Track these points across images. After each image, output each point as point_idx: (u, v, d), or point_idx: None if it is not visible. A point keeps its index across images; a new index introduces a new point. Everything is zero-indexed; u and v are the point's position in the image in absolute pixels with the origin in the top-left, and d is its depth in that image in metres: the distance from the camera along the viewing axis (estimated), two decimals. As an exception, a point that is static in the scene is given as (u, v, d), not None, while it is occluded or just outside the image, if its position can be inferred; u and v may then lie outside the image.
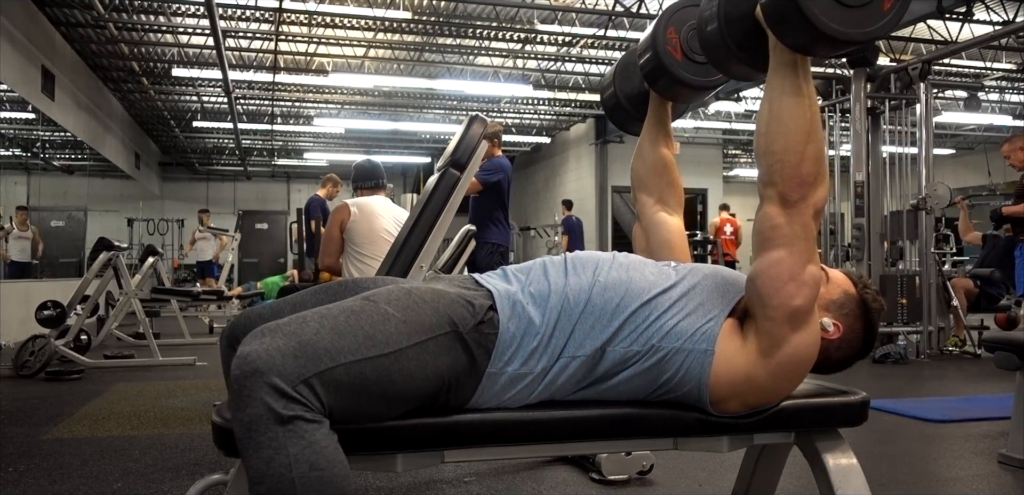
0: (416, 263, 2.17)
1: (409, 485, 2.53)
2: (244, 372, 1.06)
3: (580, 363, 1.27)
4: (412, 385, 1.17)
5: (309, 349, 1.09)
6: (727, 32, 1.34)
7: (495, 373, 1.24)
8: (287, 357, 1.07)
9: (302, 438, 1.05)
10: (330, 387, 1.09)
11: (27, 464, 2.79)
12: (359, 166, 4.23)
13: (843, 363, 1.46)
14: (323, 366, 1.09)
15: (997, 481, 2.65)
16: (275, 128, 15.69)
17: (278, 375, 1.05)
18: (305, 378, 1.07)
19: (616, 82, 1.84)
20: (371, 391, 1.14)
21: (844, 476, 1.34)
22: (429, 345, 1.18)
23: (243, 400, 1.05)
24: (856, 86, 6.57)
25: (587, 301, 1.29)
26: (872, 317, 1.46)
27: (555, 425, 1.28)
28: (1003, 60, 11.17)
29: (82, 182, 11.78)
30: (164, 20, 9.69)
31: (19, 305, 7.48)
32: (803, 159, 1.26)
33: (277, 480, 1.04)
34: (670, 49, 1.61)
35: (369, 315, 1.16)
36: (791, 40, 1.26)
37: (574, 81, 12.66)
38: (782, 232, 1.27)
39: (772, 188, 1.28)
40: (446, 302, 1.23)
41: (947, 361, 6.06)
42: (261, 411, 1.04)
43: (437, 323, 1.20)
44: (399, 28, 9.82)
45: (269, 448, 1.04)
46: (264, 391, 1.04)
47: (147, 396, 4.29)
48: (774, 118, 1.29)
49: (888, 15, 1.22)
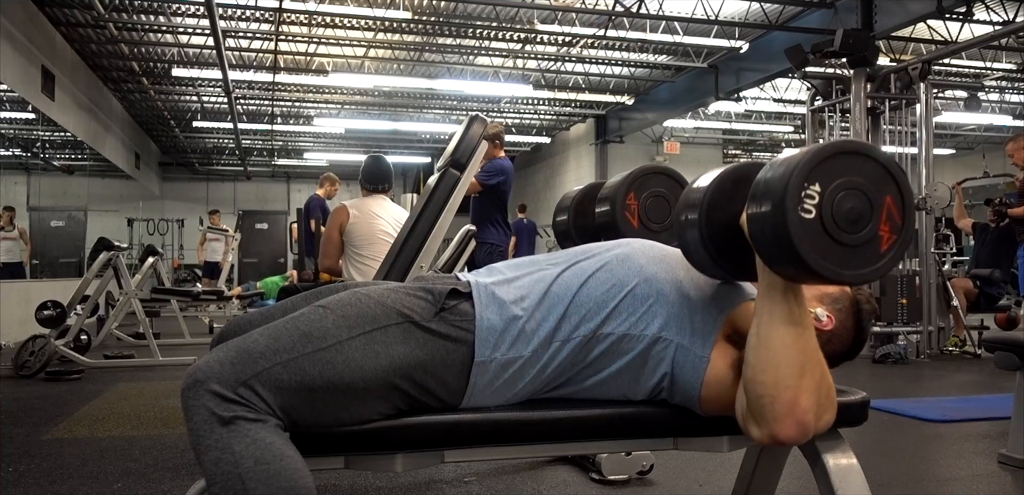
0: (416, 263, 2.17)
1: (409, 485, 2.53)
2: (187, 385, 1.12)
3: (574, 347, 1.27)
4: (364, 376, 1.17)
5: (246, 354, 1.14)
6: (709, 237, 1.22)
7: (484, 362, 1.24)
8: (225, 365, 1.12)
9: (245, 436, 1.09)
10: (272, 388, 1.13)
11: (27, 464, 2.79)
12: (368, 164, 4.17)
13: (832, 360, 1.43)
14: (260, 367, 1.13)
15: (997, 481, 2.65)
16: (275, 128, 15.70)
17: (217, 381, 1.10)
18: (243, 380, 1.11)
19: (570, 212, 1.81)
20: (319, 386, 1.15)
21: (844, 476, 1.33)
22: (376, 335, 1.19)
23: (189, 410, 1.11)
24: (856, 86, 6.57)
25: (579, 289, 1.29)
26: (863, 319, 1.46)
27: (555, 425, 1.28)
28: (1003, 60, 11.18)
29: (82, 182, 11.78)
30: (164, 20, 9.69)
31: (19, 305, 7.48)
32: (798, 393, 1.15)
33: (226, 478, 1.08)
34: (627, 214, 1.57)
35: (307, 317, 1.20)
36: (779, 269, 1.15)
37: (574, 81, 12.66)
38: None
39: (764, 428, 1.17)
40: (395, 298, 1.24)
41: (947, 361, 6.06)
42: (205, 416, 1.10)
43: (382, 314, 1.21)
44: (399, 28, 9.82)
45: (215, 449, 1.09)
46: (206, 398, 1.10)
47: (147, 396, 4.29)
48: (763, 346, 1.17)
49: (884, 258, 1.12)
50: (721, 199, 1.23)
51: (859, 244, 1.11)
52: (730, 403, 1.27)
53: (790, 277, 1.16)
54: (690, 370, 1.28)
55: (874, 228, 1.11)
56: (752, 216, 1.14)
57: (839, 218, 1.10)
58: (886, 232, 1.12)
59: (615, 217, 1.58)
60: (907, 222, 1.13)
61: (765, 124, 15.14)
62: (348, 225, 3.84)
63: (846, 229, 1.10)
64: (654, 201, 1.57)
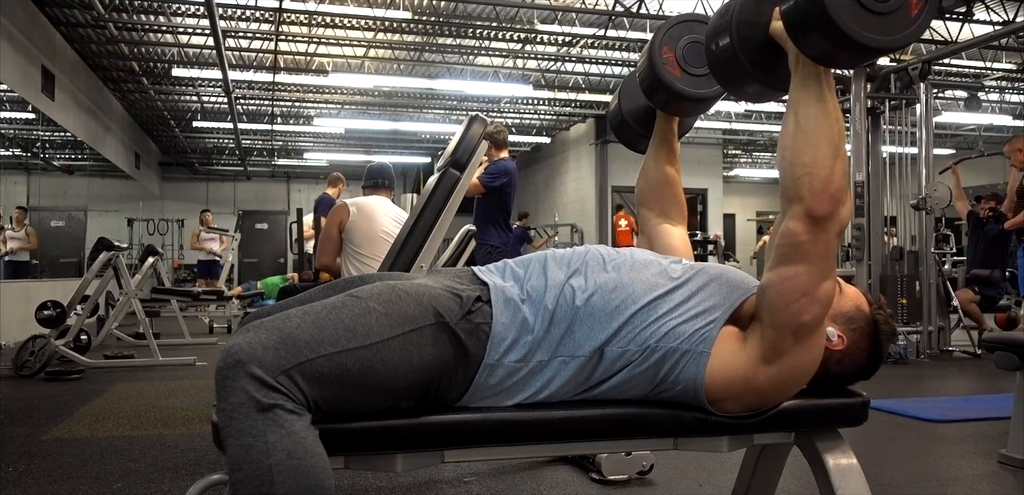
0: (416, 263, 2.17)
1: (409, 485, 2.53)
2: (227, 363, 1.09)
3: (579, 363, 1.27)
4: (396, 376, 1.18)
5: (290, 342, 1.12)
6: (741, 50, 1.30)
7: (492, 364, 1.24)
8: (268, 349, 1.10)
9: (281, 427, 1.07)
10: (311, 379, 1.11)
11: (27, 464, 2.79)
12: (370, 166, 4.26)
13: (843, 379, 1.43)
14: (303, 357, 1.11)
15: (997, 481, 2.65)
16: (275, 128, 15.70)
17: (259, 366, 1.08)
18: (285, 369, 1.09)
19: (621, 101, 1.84)
20: (354, 383, 1.15)
21: (844, 476, 1.34)
22: (412, 337, 1.19)
23: (225, 390, 1.09)
24: (856, 86, 6.57)
25: (587, 301, 1.29)
26: (881, 339, 1.42)
27: (555, 425, 1.28)
28: (1003, 60, 11.18)
29: (82, 182, 11.78)
30: (164, 20, 9.69)
31: (19, 305, 7.48)
32: (833, 173, 1.22)
33: (254, 466, 1.06)
34: (668, 67, 1.60)
35: (350, 309, 1.19)
36: (816, 50, 1.21)
37: (574, 81, 12.66)
38: (804, 248, 1.24)
39: (799, 204, 1.23)
40: (431, 295, 1.24)
41: (947, 361, 6.06)
42: (242, 399, 1.07)
43: (420, 314, 1.21)
44: (399, 28, 9.82)
45: (249, 435, 1.06)
46: (245, 381, 1.07)
47: (147, 396, 4.29)
48: (801, 130, 1.24)
49: (916, 22, 1.17)
50: (748, 13, 1.30)
51: (891, 11, 1.15)
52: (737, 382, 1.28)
53: (826, 57, 1.22)
54: (693, 370, 1.28)
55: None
56: (787, 9, 1.21)
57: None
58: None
59: (658, 75, 1.60)
60: None
61: (765, 124, 15.14)
62: (348, 223, 3.84)
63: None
64: (690, 47, 1.60)
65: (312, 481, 1.07)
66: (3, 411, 3.85)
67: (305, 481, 1.07)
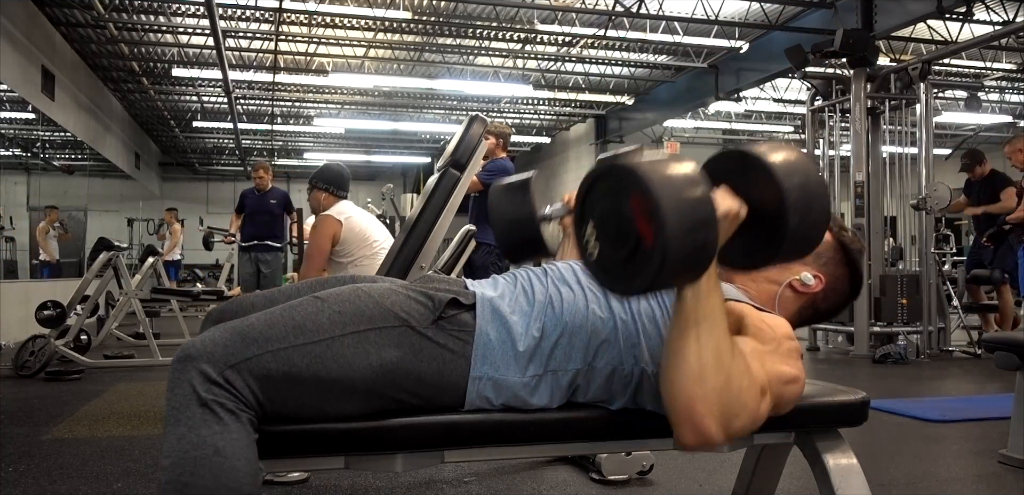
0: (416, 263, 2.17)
1: (409, 485, 2.53)
2: (178, 357, 1.11)
3: (569, 377, 1.25)
4: (352, 374, 1.15)
5: (239, 338, 1.13)
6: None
7: (479, 377, 1.22)
8: (218, 345, 1.11)
9: (217, 423, 1.07)
10: (259, 377, 1.11)
11: (27, 464, 2.79)
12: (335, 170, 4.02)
13: (833, 310, 1.47)
14: (250, 353, 1.11)
15: (997, 481, 2.65)
16: (275, 128, 15.71)
17: (207, 361, 1.09)
18: (232, 364, 1.10)
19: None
20: (305, 380, 1.14)
21: (844, 476, 1.33)
22: (370, 336, 1.17)
23: (173, 383, 1.10)
24: (856, 86, 6.57)
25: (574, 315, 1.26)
26: (854, 258, 1.45)
27: (555, 425, 1.28)
28: (1003, 60, 11.18)
29: (82, 182, 11.79)
30: (164, 20, 9.69)
31: (19, 305, 7.48)
32: (695, 400, 1.06)
33: (180, 456, 1.06)
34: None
35: (304, 308, 1.19)
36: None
37: (574, 81, 12.66)
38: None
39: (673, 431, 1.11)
40: (395, 299, 1.22)
41: (947, 361, 6.06)
42: (187, 392, 1.08)
43: (379, 315, 1.19)
44: (399, 28, 9.82)
45: (184, 426, 1.07)
46: (193, 374, 1.09)
47: (147, 396, 4.29)
48: (665, 352, 1.12)
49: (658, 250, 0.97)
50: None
51: (632, 253, 1.02)
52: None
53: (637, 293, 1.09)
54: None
55: (635, 232, 1.01)
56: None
57: (610, 242, 1.05)
58: (645, 228, 0.99)
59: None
60: (658, 205, 0.96)
61: (765, 124, 15.14)
62: (342, 236, 3.68)
63: (619, 246, 1.03)
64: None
65: (232, 482, 1.07)
66: (3, 411, 3.85)
67: (224, 480, 1.06)
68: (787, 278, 1.43)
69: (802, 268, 1.41)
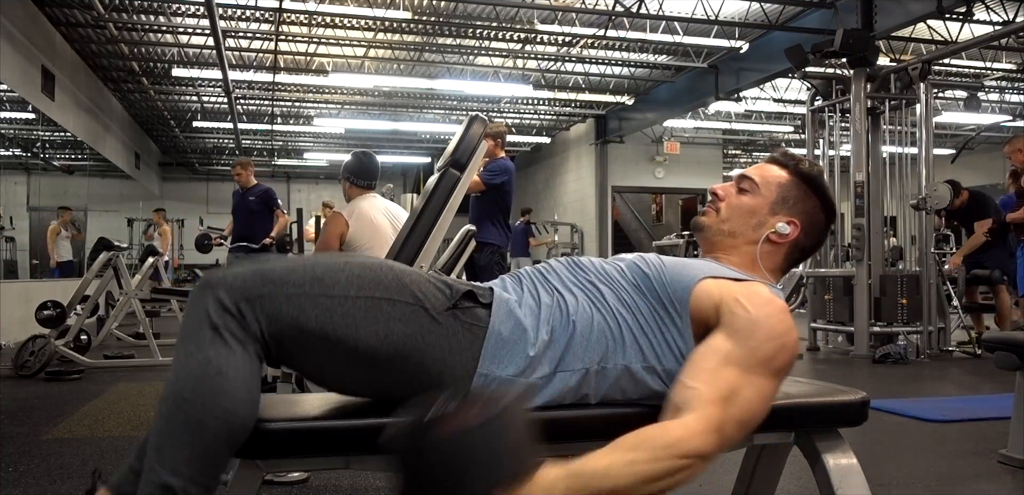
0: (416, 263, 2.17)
1: (409, 485, 2.52)
2: (198, 287, 1.15)
3: (578, 377, 1.25)
4: (357, 337, 1.16)
5: (259, 276, 1.16)
6: None
7: (485, 375, 1.21)
8: (238, 278, 1.15)
9: (224, 347, 1.10)
10: (270, 316, 1.13)
11: (27, 464, 2.79)
12: (359, 160, 4.00)
13: (818, 242, 1.47)
14: (266, 290, 1.14)
15: (997, 481, 2.65)
16: (275, 128, 15.71)
17: (225, 290, 1.13)
18: (247, 297, 1.13)
19: None
20: (312, 331, 1.15)
21: (844, 476, 1.33)
22: (382, 304, 1.18)
23: (191, 307, 1.15)
24: (856, 86, 6.57)
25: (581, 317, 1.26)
26: (818, 185, 1.45)
27: (555, 425, 1.28)
28: (1003, 60, 11.18)
29: (82, 182, 11.79)
30: (164, 20, 9.69)
31: (19, 305, 7.48)
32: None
33: (185, 372, 1.10)
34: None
35: (327, 262, 1.21)
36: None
37: (574, 81, 12.66)
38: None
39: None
40: (414, 278, 1.23)
41: (947, 361, 6.06)
42: (201, 316, 1.12)
43: (396, 288, 1.20)
44: (399, 28, 9.82)
45: (193, 344, 1.11)
46: (209, 301, 1.12)
47: (147, 396, 4.29)
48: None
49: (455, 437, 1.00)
50: None
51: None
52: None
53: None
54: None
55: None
56: None
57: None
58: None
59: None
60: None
61: (765, 124, 15.15)
62: (349, 236, 3.66)
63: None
64: None
65: (229, 404, 1.09)
66: (3, 411, 3.85)
67: (222, 401, 1.09)
68: (763, 234, 1.42)
69: (774, 219, 1.41)
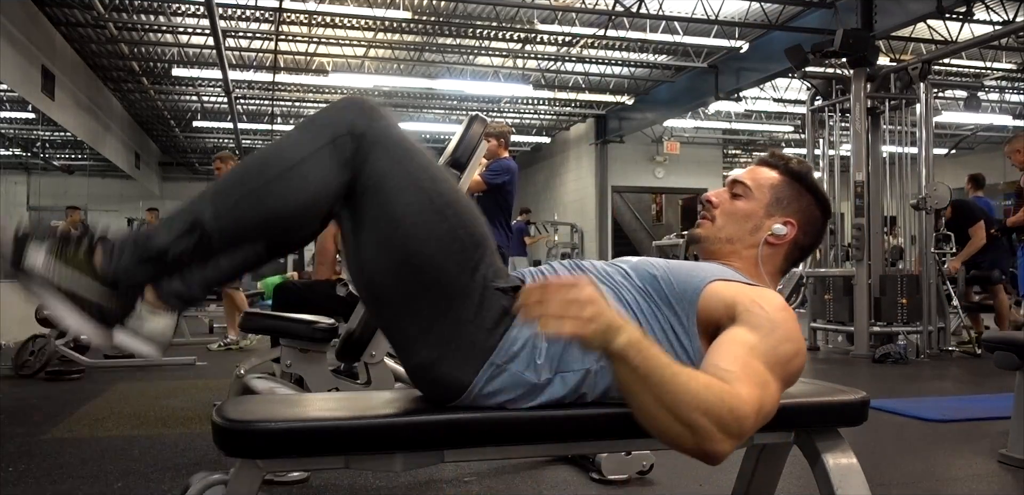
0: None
1: (409, 485, 2.53)
2: (351, 96, 1.25)
3: (579, 377, 1.26)
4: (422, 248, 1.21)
5: (392, 133, 1.22)
6: None
7: (499, 365, 1.23)
8: (381, 119, 1.22)
9: (326, 162, 1.17)
10: (377, 174, 1.19)
11: (27, 464, 2.79)
12: None
13: (816, 240, 1.48)
14: (387, 143, 1.20)
15: (997, 481, 2.65)
16: (275, 128, 15.70)
17: (365, 122, 1.19)
18: (371, 138, 1.19)
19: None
20: (393, 210, 1.20)
21: (844, 476, 1.33)
22: (459, 238, 1.24)
23: (332, 107, 1.23)
24: (856, 86, 6.57)
25: None
26: (810, 182, 1.46)
27: (555, 425, 1.28)
28: (1003, 60, 11.18)
29: (82, 182, 11.80)
30: (164, 20, 9.69)
31: (19, 305, 7.48)
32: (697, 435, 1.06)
33: (281, 156, 1.18)
34: None
35: (447, 176, 1.29)
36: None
37: (574, 81, 12.67)
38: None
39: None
40: (491, 246, 1.31)
41: (947, 361, 6.06)
42: (334, 119, 1.20)
43: (475, 242, 1.27)
44: (399, 28, 9.83)
45: (309, 133, 1.20)
46: (352, 116, 1.20)
47: (147, 396, 4.29)
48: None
49: None
50: None
51: None
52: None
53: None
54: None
55: None
56: None
57: None
58: None
59: None
60: None
61: (765, 124, 15.15)
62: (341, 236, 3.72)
63: None
64: None
65: (292, 200, 1.16)
66: (3, 411, 3.85)
67: (290, 198, 1.16)
68: (761, 237, 1.43)
69: (770, 221, 1.42)
